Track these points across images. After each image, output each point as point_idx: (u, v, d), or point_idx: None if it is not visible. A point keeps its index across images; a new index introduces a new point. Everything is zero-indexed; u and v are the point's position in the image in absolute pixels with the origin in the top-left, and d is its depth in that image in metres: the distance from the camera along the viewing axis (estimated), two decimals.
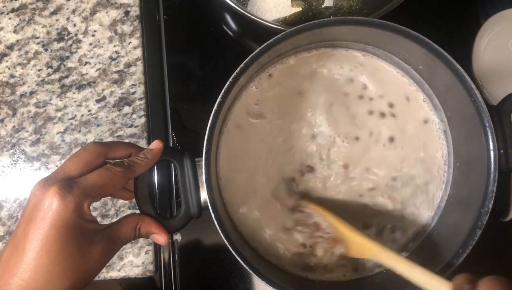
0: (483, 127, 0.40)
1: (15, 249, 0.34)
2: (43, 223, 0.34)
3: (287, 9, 0.49)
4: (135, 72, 0.56)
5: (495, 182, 0.40)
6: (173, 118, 0.55)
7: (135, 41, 0.57)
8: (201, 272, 0.53)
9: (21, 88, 0.56)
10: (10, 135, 0.55)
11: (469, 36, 0.55)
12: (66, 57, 0.57)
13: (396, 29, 0.42)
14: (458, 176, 0.46)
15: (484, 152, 0.41)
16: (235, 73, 0.41)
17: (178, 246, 0.53)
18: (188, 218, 0.42)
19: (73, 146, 0.55)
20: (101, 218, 0.54)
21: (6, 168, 0.55)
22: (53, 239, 0.33)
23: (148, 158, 0.40)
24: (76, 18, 0.57)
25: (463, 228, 0.41)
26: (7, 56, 0.57)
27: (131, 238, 0.39)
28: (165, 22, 0.58)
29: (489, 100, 0.52)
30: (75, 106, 0.56)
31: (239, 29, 0.58)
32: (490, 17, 0.55)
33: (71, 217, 0.34)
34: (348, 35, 0.46)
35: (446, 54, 0.41)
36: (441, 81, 0.44)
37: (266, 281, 0.40)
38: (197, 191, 0.41)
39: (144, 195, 0.41)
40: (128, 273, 0.53)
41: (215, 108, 0.41)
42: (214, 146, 0.44)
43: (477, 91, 0.40)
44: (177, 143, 0.55)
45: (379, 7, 0.48)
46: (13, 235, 0.35)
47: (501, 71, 0.53)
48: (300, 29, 0.42)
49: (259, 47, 0.41)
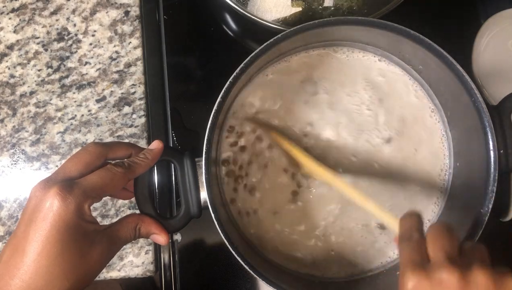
0: (483, 127, 0.40)
1: (15, 250, 0.34)
2: (44, 224, 0.34)
3: (287, 9, 0.49)
4: (135, 72, 0.56)
5: (495, 182, 0.40)
6: (173, 118, 0.55)
7: (135, 41, 0.57)
8: (201, 272, 0.53)
9: (21, 88, 0.56)
10: (10, 135, 0.55)
11: (469, 36, 0.55)
12: (66, 57, 0.57)
13: (396, 29, 0.42)
14: (458, 176, 0.46)
15: (484, 152, 0.41)
16: (235, 73, 0.41)
17: (178, 246, 0.53)
18: (188, 218, 0.42)
19: (73, 146, 0.55)
20: (101, 218, 0.54)
21: (6, 168, 0.55)
22: (54, 240, 0.33)
23: (148, 159, 0.40)
24: (76, 18, 0.57)
25: (463, 228, 0.41)
26: (7, 56, 0.57)
27: (131, 239, 0.39)
28: (165, 22, 0.58)
29: (489, 100, 0.52)
30: (75, 106, 0.56)
31: (239, 29, 0.58)
32: (490, 17, 0.55)
33: (71, 218, 0.34)
34: (348, 35, 0.46)
35: (446, 54, 0.41)
36: (441, 81, 0.44)
37: (266, 281, 0.40)
38: (197, 191, 0.41)
39: (144, 195, 0.41)
40: (128, 273, 0.53)
41: (215, 108, 0.41)
42: (214, 146, 0.44)
43: (477, 91, 0.40)
44: (177, 143, 0.55)
45: (379, 7, 0.48)
46: (13, 235, 0.35)
47: (501, 71, 0.53)
48: (300, 29, 0.42)
49: (259, 47, 0.41)
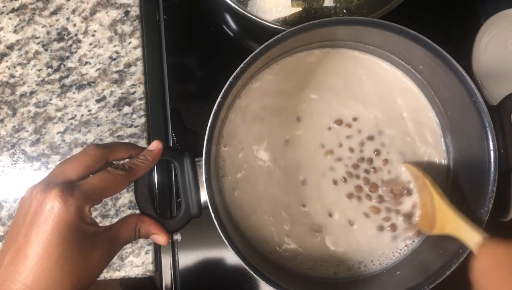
0: (483, 127, 0.40)
1: (16, 254, 0.34)
2: (45, 227, 0.33)
3: (287, 9, 0.49)
4: (135, 72, 0.56)
5: (495, 182, 0.40)
6: (173, 118, 0.55)
7: (135, 41, 0.57)
8: (201, 272, 0.53)
9: (21, 88, 0.56)
10: (10, 135, 0.55)
11: (469, 36, 0.55)
12: (66, 57, 0.57)
13: (396, 29, 0.42)
14: (458, 176, 0.46)
15: (484, 152, 0.41)
16: (235, 73, 0.41)
17: (178, 246, 0.53)
18: (188, 218, 0.42)
19: (73, 146, 0.55)
20: (101, 218, 0.54)
21: (6, 168, 0.55)
22: (55, 242, 0.33)
23: (148, 160, 0.40)
24: (76, 18, 0.57)
25: None
26: (7, 56, 0.57)
27: (131, 239, 0.39)
28: (165, 22, 0.58)
29: (489, 100, 0.52)
30: (75, 106, 0.56)
31: (239, 29, 0.58)
32: (490, 17, 0.55)
33: (72, 220, 0.34)
34: (348, 35, 0.46)
35: (446, 54, 0.41)
36: (441, 81, 0.44)
37: (266, 281, 0.40)
38: (197, 191, 0.41)
39: (144, 195, 0.41)
40: (128, 273, 0.53)
41: (215, 108, 0.41)
42: (214, 146, 0.44)
43: (477, 91, 0.40)
44: (177, 143, 0.55)
45: (379, 7, 0.48)
46: (13, 239, 0.35)
47: (501, 71, 0.53)
48: (300, 29, 0.42)
49: (259, 47, 0.41)
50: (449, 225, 0.40)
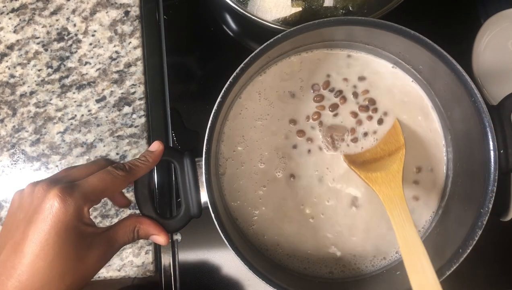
0: (483, 127, 0.40)
1: (13, 250, 0.34)
2: (43, 226, 0.34)
3: (287, 9, 0.49)
4: (135, 72, 0.56)
5: (495, 182, 0.40)
6: (173, 118, 0.55)
7: (135, 41, 0.57)
8: (201, 272, 0.53)
9: (21, 88, 0.56)
10: (10, 135, 0.55)
11: (469, 36, 0.55)
12: (66, 57, 0.57)
13: (396, 29, 0.42)
14: (458, 176, 0.46)
15: (484, 152, 0.41)
16: (235, 73, 0.41)
17: (178, 246, 0.53)
18: (188, 218, 0.42)
19: (73, 146, 0.55)
20: (101, 218, 0.54)
21: (6, 168, 0.55)
22: (52, 241, 0.33)
23: (149, 161, 0.40)
24: (76, 18, 0.57)
25: (463, 228, 0.41)
26: (7, 56, 0.57)
27: (129, 241, 0.39)
28: (165, 22, 0.58)
29: (489, 100, 0.52)
30: (75, 106, 0.56)
31: (239, 29, 0.58)
32: (490, 17, 0.55)
33: (70, 220, 0.34)
34: (348, 35, 0.46)
35: (446, 54, 0.41)
36: (441, 81, 0.44)
37: (266, 281, 0.40)
38: (197, 191, 0.41)
39: (144, 195, 0.41)
40: (128, 273, 0.53)
41: (215, 108, 0.41)
42: (214, 146, 0.44)
43: (477, 91, 0.40)
44: (177, 143, 0.55)
45: (379, 7, 0.48)
46: (11, 233, 0.35)
47: (501, 71, 0.53)
48: (300, 29, 0.42)
49: (259, 47, 0.41)
50: (382, 188, 0.41)
